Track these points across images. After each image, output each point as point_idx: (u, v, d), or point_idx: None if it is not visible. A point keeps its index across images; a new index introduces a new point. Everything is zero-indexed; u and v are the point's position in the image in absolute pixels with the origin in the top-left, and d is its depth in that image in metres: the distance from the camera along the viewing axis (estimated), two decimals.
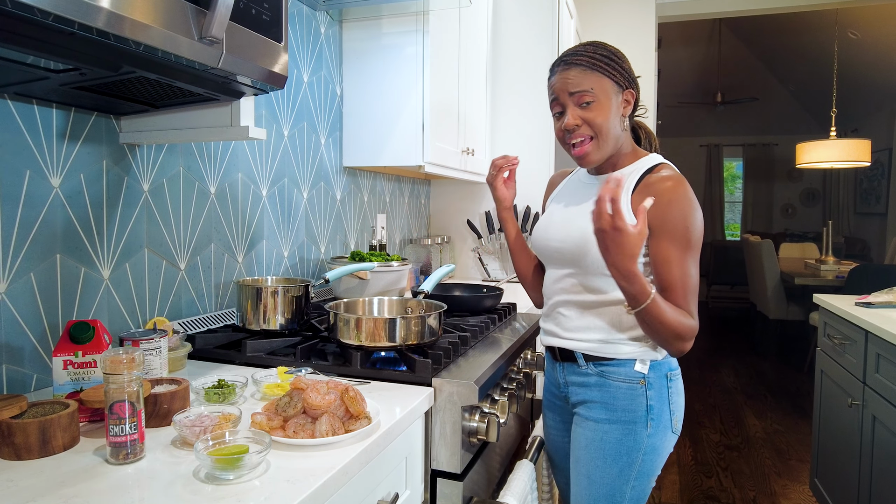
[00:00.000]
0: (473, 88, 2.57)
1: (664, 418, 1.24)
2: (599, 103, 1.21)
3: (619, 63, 1.24)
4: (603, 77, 1.22)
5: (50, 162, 1.12)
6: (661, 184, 1.18)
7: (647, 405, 1.23)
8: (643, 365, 1.23)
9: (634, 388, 1.23)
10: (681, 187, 1.17)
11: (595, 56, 1.22)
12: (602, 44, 1.27)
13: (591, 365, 1.27)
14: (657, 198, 1.15)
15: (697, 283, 1.17)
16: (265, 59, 1.01)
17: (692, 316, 1.16)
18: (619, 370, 1.24)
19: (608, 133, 1.22)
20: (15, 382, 1.07)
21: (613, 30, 3.98)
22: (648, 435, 1.23)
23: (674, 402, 1.26)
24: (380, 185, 2.46)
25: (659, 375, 1.24)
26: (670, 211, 1.15)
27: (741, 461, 3.19)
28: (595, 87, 1.21)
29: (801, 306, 5.08)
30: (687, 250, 1.15)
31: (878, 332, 1.91)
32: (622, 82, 1.24)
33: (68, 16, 0.68)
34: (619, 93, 1.24)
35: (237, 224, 1.64)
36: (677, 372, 1.28)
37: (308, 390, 0.93)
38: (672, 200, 1.15)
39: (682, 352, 1.17)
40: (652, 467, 1.24)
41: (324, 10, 1.98)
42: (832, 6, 4.29)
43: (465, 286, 2.04)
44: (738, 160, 10.45)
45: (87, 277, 1.20)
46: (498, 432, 1.23)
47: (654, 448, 1.23)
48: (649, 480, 1.25)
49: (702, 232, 1.18)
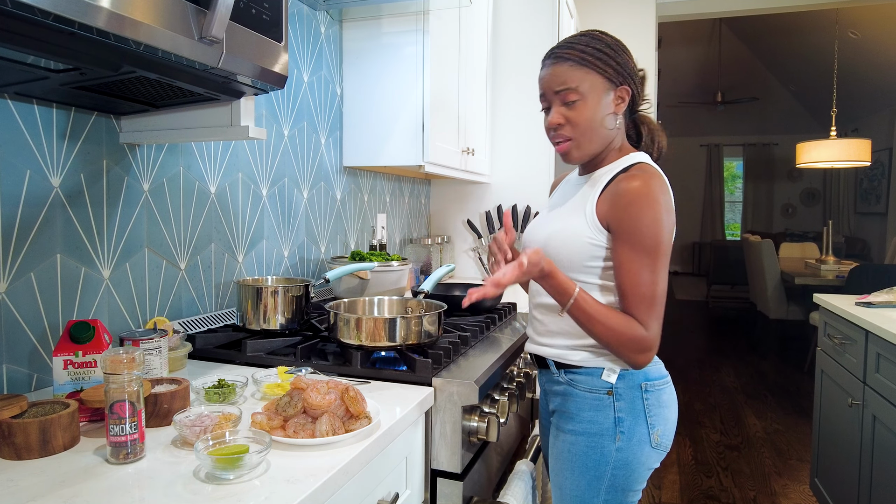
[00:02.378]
0: (473, 88, 2.57)
1: (638, 432, 1.15)
2: (585, 102, 1.16)
3: (614, 57, 1.17)
4: (593, 73, 1.15)
5: (50, 162, 1.12)
6: (624, 184, 1.11)
7: (615, 417, 1.15)
8: (611, 374, 1.16)
9: (601, 398, 1.16)
10: (645, 188, 1.09)
11: (586, 50, 1.16)
12: (598, 35, 1.19)
13: (562, 372, 1.22)
14: (618, 199, 1.11)
15: (656, 292, 1.09)
16: (265, 58, 1.01)
17: (644, 325, 1.08)
18: (586, 379, 1.18)
19: (591, 134, 1.18)
20: (15, 382, 1.07)
21: (613, 29, 3.95)
22: (618, 449, 1.15)
23: (654, 414, 1.17)
24: (380, 184, 2.46)
25: (630, 387, 1.16)
26: (627, 213, 1.09)
27: (741, 461, 3.19)
28: (582, 86, 1.15)
29: (801, 306, 5.08)
30: (641, 254, 1.08)
31: (878, 331, 1.91)
32: (615, 78, 1.17)
33: (68, 16, 0.68)
34: (611, 90, 1.17)
35: (237, 224, 1.64)
36: (660, 382, 1.19)
37: (308, 390, 0.93)
38: (631, 202, 1.09)
39: (638, 364, 1.11)
40: (626, 482, 1.16)
41: (324, 9, 1.98)
42: (832, 6, 4.29)
43: (466, 286, 2.04)
44: (738, 160, 10.46)
45: (88, 277, 1.20)
46: (498, 432, 1.23)
47: (627, 463, 1.15)
48: (626, 495, 1.17)
49: (663, 237, 1.09)
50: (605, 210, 1.14)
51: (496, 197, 2.95)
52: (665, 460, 3.16)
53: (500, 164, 2.93)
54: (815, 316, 4.45)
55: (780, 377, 4.78)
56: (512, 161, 2.91)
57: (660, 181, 1.12)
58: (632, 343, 1.08)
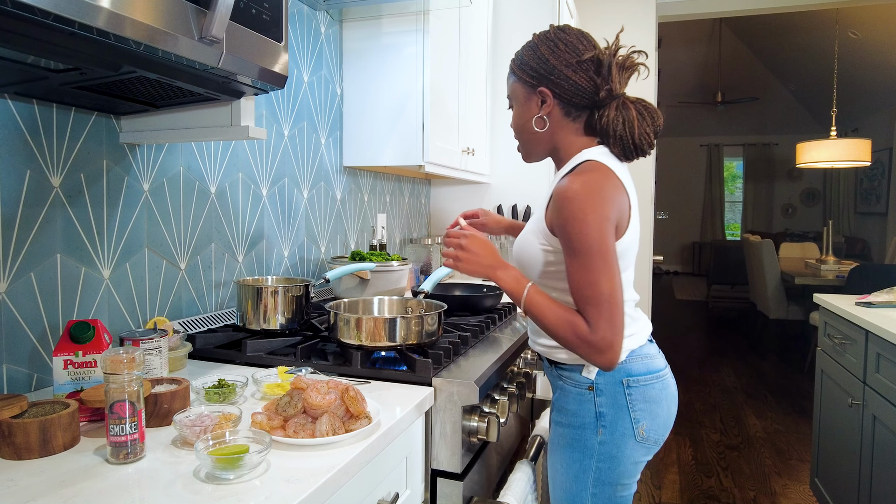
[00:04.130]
0: (473, 89, 2.57)
1: (620, 426, 1.16)
2: (514, 109, 1.25)
3: (530, 60, 1.17)
4: (516, 82, 1.22)
5: (50, 161, 1.12)
6: (559, 188, 1.09)
7: (596, 412, 1.17)
8: (591, 371, 1.18)
9: (583, 393, 1.18)
10: (579, 189, 1.05)
11: (514, 58, 1.23)
12: (529, 43, 1.20)
13: (553, 368, 1.26)
14: (555, 203, 1.09)
15: (599, 292, 1.03)
16: (265, 58, 1.01)
17: (592, 326, 1.03)
18: (571, 375, 1.21)
19: (522, 138, 1.25)
20: (15, 382, 1.07)
21: (613, 29, 3.97)
22: (600, 442, 1.17)
23: (638, 409, 1.16)
24: (380, 184, 2.46)
25: (611, 382, 1.17)
26: (562, 217, 1.06)
27: (741, 461, 3.19)
28: (510, 94, 1.25)
29: (801, 306, 5.08)
30: (576, 256, 1.05)
31: (878, 331, 1.91)
32: (532, 81, 1.18)
33: (68, 15, 0.68)
34: (532, 94, 1.19)
35: (237, 224, 1.64)
36: (645, 378, 1.18)
37: (308, 390, 0.93)
38: (563, 206, 1.06)
39: (599, 365, 1.06)
40: (612, 476, 1.17)
41: (324, 9, 1.98)
42: (832, 6, 4.29)
43: (465, 286, 2.04)
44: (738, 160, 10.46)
45: (88, 277, 1.20)
46: (498, 432, 1.23)
47: (611, 456, 1.16)
48: (614, 488, 1.18)
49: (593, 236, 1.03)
50: (550, 216, 1.13)
51: (496, 197, 2.95)
52: (665, 460, 3.16)
53: (500, 164, 2.93)
54: (815, 316, 4.45)
55: (780, 377, 4.78)
56: (512, 161, 2.91)
57: (595, 177, 1.07)
58: (581, 341, 1.04)
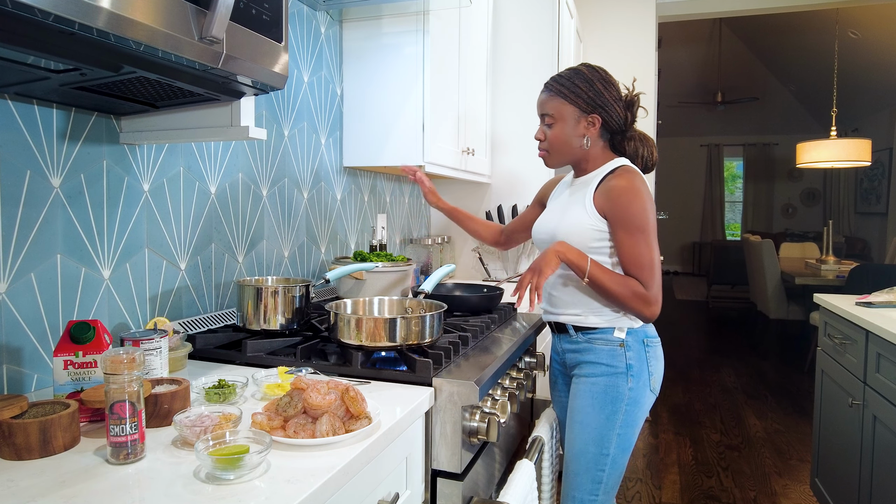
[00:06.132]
0: (473, 88, 2.57)
1: (643, 376, 1.48)
2: (557, 125, 1.50)
3: (587, 91, 1.46)
4: (565, 104, 1.48)
5: (50, 162, 1.12)
6: (613, 182, 1.44)
7: (626, 363, 1.47)
8: (621, 332, 1.48)
9: (615, 349, 1.48)
10: (629, 184, 1.41)
11: (565, 84, 1.48)
12: (580, 70, 1.48)
13: (580, 334, 1.52)
14: (610, 193, 1.43)
15: (652, 259, 1.41)
16: (265, 59, 1.01)
17: (646, 285, 1.40)
18: (602, 336, 1.49)
19: (560, 150, 1.53)
20: (15, 382, 1.07)
21: (613, 30, 3.98)
22: (630, 388, 1.46)
23: (651, 364, 1.49)
24: (380, 184, 2.46)
25: (636, 340, 1.49)
26: (620, 204, 1.41)
27: (742, 461, 3.19)
28: (555, 113, 1.50)
29: (801, 306, 5.08)
30: (636, 233, 1.40)
31: (878, 331, 1.91)
32: (585, 108, 1.48)
33: (68, 16, 0.68)
34: (581, 117, 1.48)
35: (237, 224, 1.64)
36: (655, 340, 1.53)
37: (308, 390, 0.93)
38: (620, 195, 1.41)
39: (645, 316, 1.42)
40: (634, 418, 1.47)
41: (324, 10, 1.98)
42: (832, 6, 4.29)
43: (466, 286, 2.04)
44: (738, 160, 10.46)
45: (88, 277, 1.20)
46: (498, 432, 1.23)
47: (635, 400, 1.46)
48: (633, 430, 1.47)
49: (649, 218, 1.41)
50: (601, 202, 1.45)
51: (496, 197, 2.95)
52: (666, 460, 3.16)
53: (500, 164, 2.93)
54: (816, 316, 4.45)
55: (781, 377, 4.78)
56: (512, 161, 2.91)
57: (640, 177, 1.45)
58: (638, 298, 1.41)
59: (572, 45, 3.36)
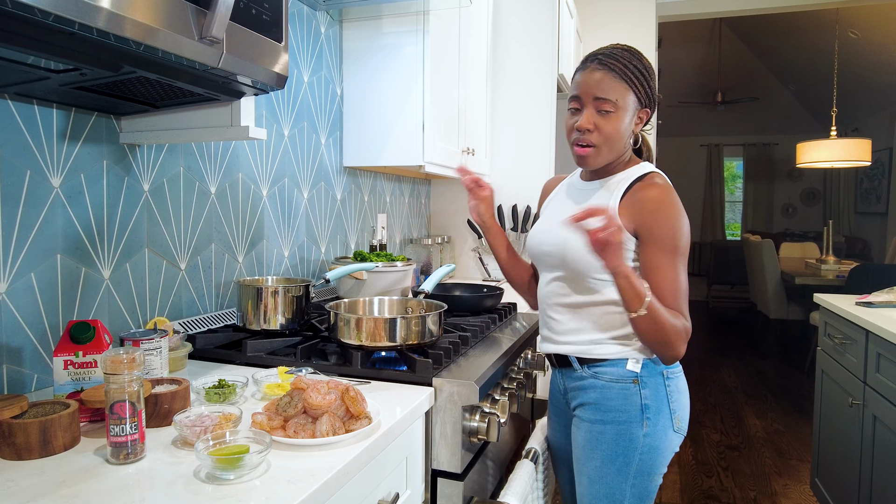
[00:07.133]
0: (473, 88, 2.57)
1: (663, 417, 1.23)
2: (617, 115, 1.22)
3: (648, 81, 1.24)
4: (629, 90, 1.22)
5: (50, 162, 1.12)
6: (647, 192, 1.20)
7: (641, 404, 1.22)
8: (636, 364, 1.23)
9: (627, 387, 1.23)
10: (667, 196, 1.18)
11: (629, 66, 1.22)
12: (639, 54, 1.26)
13: (585, 368, 1.28)
14: (645, 205, 1.19)
15: (687, 287, 1.19)
16: (265, 59, 1.01)
17: (685, 317, 1.17)
18: (611, 370, 1.24)
19: (613, 145, 1.23)
20: (15, 382, 1.07)
21: (613, 30, 3.98)
22: (645, 434, 1.22)
23: (674, 400, 1.25)
24: (380, 184, 2.46)
25: (653, 374, 1.24)
26: (657, 219, 1.17)
27: (742, 461, 3.19)
28: (619, 99, 1.21)
29: (801, 306, 5.08)
30: (675, 256, 1.17)
31: (878, 331, 1.91)
32: (644, 100, 1.25)
33: (68, 16, 0.68)
34: (637, 109, 1.25)
35: (238, 224, 1.64)
36: (677, 370, 1.27)
37: (308, 390, 0.93)
38: (658, 209, 1.17)
39: (677, 357, 1.17)
40: (652, 466, 1.24)
41: (324, 9, 1.98)
42: (832, 6, 4.29)
43: (466, 286, 2.04)
44: (738, 160, 10.45)
45: (88, 277, 1.20)
46: (498, 432, 1.23)
47: (653, 448, 1.22)
48: (651, 479, 1.25)
49: (688, 238, 1.19)
50: (632, 215, 1.20)
51: (496, 197, 2.95)
52: None
53: (500, 164, 2.93)
54: (816, 316, 4.45)
55: (781, 377, 4.78)
56: (512, 161, 2.91)
57: (672, 190, 1.21)
58: (682, 334, 1.16)
59: (572, 45, 3.36)
